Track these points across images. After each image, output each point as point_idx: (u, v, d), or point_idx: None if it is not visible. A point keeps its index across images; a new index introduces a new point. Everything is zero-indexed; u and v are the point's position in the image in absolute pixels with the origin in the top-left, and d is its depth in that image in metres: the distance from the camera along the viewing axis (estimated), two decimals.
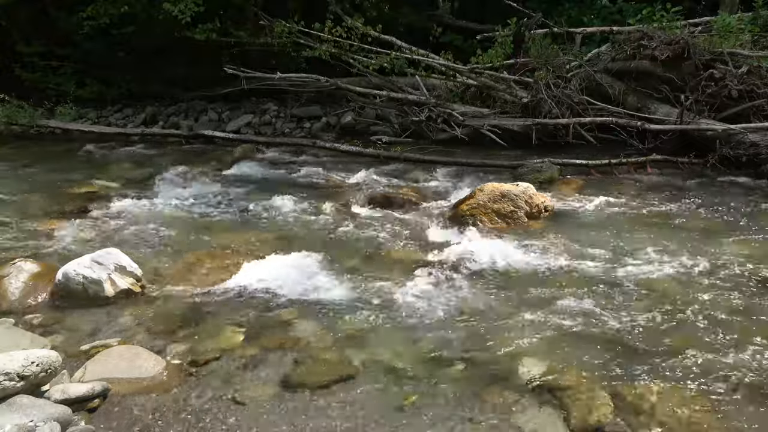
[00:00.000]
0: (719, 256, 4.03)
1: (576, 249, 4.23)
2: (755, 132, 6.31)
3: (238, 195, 5.96)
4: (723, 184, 6.00)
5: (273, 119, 10.06)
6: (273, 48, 9.29)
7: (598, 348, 2.95)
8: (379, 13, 9.77)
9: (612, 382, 2.64)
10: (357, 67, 8.92)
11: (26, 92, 10.57)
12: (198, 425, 2.43)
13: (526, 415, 2.46)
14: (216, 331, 3.17)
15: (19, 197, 5.87)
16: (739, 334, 3.03)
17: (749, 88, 6.78)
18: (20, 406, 2.29)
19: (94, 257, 3.59)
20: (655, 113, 7.15)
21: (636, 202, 5.33)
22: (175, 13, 8.93)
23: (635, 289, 3.58)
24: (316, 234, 4.75)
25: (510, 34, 8.86)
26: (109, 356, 2.87)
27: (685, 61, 7.13)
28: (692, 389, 2.58)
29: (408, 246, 4.44)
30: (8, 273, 3.63)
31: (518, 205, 4.82)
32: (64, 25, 10.53)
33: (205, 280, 3.78)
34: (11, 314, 3.32)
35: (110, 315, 3.36)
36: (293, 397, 2.62)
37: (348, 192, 5.86)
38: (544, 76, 7.65)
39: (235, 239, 4.56)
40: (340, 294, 3.58)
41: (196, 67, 10.46)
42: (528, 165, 6.35)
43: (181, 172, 6.81)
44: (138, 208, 5.41)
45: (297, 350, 3.00)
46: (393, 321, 3.27)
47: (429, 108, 8.18)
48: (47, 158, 8.01)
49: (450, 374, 2.77)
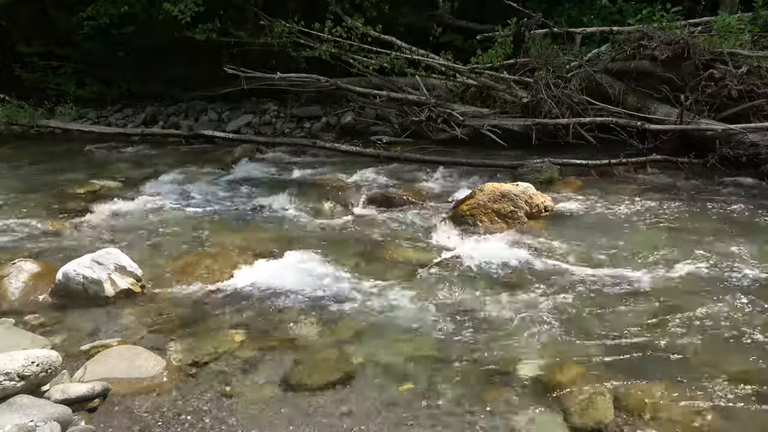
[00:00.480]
0: (719, 256, 4.02)
1: (576, 249, 4.23)
2: (755, 132, 6.31)
3: (238, 195, 5.96)
4: (723, 184, 6.00)
5: (273, 119, 10.07)
6: (273, 48, 9.30)
7: (598, 348, 2.95)
8: (379, 13, 9.77)
9: (613, 382, 2.64)
10: (357, 67, 8.92)
11: (26, 92, 10.59)
12: (198, 425, 2.43)
13: (526, 415, 2.46)
14: (216, 331, 3.18)
15: (20, 197, 5.87)
16: (739, 334, 3.03)
17: (749, 88, 6.77)
18: (20, 406, 2.29)
19: (94, 257, 3.59)
20: (655, 113, 7.14)
21: (636, 202, 5.33)
22: (175, 13, 8.94)
23: (635, 289, 3.58)
24: (316, 234, 4.75)
25: (510, 34, 8.86)
26: (109, 356, 2.87)
27: (685, 61, 7.13)
28: (693, 389, 2.58)
29: (408, 246, 4.44)
30: (8, 273, 3.63)
31: (518, 205, 4.82)
32: (64, 25, 10.54)
33: (205, 280, 3.78)
34: (11, 314, 3.32)
35: (110, 315, 3.36)
36: (293, 397, 2.62)
37: (348, 192, 5.86)
38: (544, 76, 7.65)
39: (235, 239, 4.56)
40: (339, 294, 3.58)
41: (196, 67, 10.47)
42: (528, 165, 6.35)
43: (181, 172, 6.82)
44: (138, 208, 5.41)
45: (297, 350, 3.00)
46: (393, 321, 3.27)
47: (429, 108, 8.19)
48: (47, 158, 8.01)
49: (450, 374, 2.77)
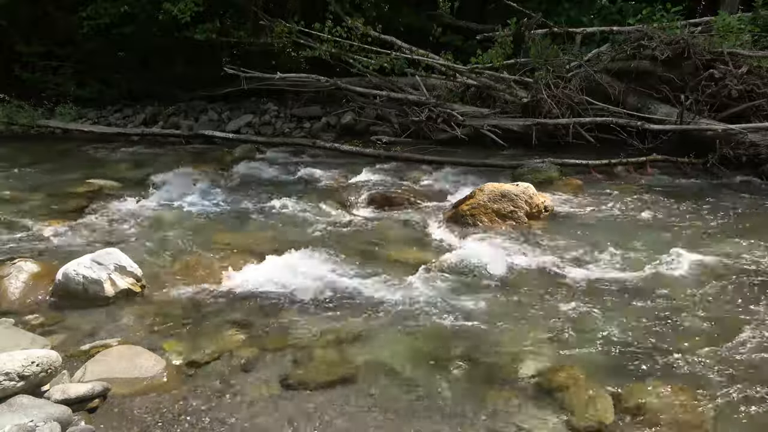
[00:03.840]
0: (719, 256, 4.02)
1: (576, 249, 4.23)
2: (755, 132, 6.31)
3: (237, 195, 5.95)
4: (723, 184, 6.01)
5: (273, 119, 10.07)
6: (273, 48, 9.29)
7: (598, 348, 2.95)
8: (379, 13, 9.76)
9: (613, 383, 2.64)
10: (357, 67, 8.91)
11: (26, 92, 10.58)
12: (198, 425, 2.43)
13: (527, 415, 2.46)
14: (216, 331, 3.18)
15: (19, 197, 5.87)
16: (739, 333, 3.03)
17: (749, 88, 6.77)
18: (20, 406, 2.28)
19: (94, 257, 3.59)
20: (655, 113, 7.14)
21: (636, 202, 5.33)
22: (174, 13, 8.93)
23: (635, 289, 3.58)
24: (316, 234, 4.75)
25: (510, 34, 8.85)
26: (109, 356, 2.87)
27: (685, 61, 7.13)
28: (693, 389, 2.58)
29: (408, 246, 4.44)
30: (8, 273, 3.63)
31: (518, 205, 4.82)
32: (64, 25, 10.54)
33: (205, 279, 3.78)
34: (11, 314, 3.32)
35: (110, 315, 3.36)
36: (293, 397, 2.62)
37: (348, 192, 5.86)
38: (544, 76, 7.65)
39: (235, 239, 4.56)
40: (339, 294, 3.58)
41: (196, 67, 10.48)
42: (528, 165, 6.35)
43: (181, 172, 6.81)
44: (138, 208, 5.41)
45: (297, 350, 3.00)
46: (393, 321, 3.27)
47: (429, 108, 8.18)
48: (47, 158, 8.01)
49: (450, 374, 2.77)
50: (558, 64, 7.88)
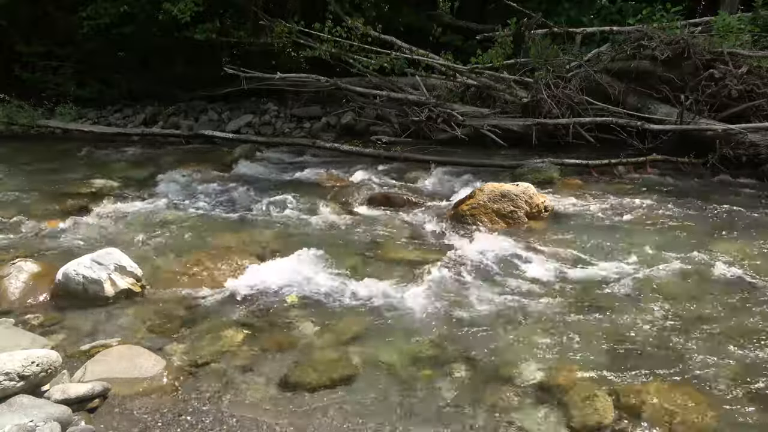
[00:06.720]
0: (719, 256, 4.02)
1: (576, 249, 4.22)
2: (755, 132, 6.30)
3: (237, 195, 5.95)
4: (723, 184, 6.00)
5: (273, 119, 10.07)
6: (273, 48, 9.29)
7: (598, 348, 2.95)
8: (379, 13, 9.76)
9: (613, 383, 2.64)
10: (357, 67, 8.91)
11: (26, 92, 10.58)
12: (198, 426, 2.43)
13: (526, 415, 2.46)
14: (216, 331, 3.18)
15: (19, 197, 5.87)
16: (739, 333, 3.03)
17: (749, 88, 6.76)
18: (20, 406, 2.29)
19: (94, 257, 3.59)
20: (655, 113, 7.14)
21: (636, 202, 5.32)
22: (174, 13, 8.93)
23: (635, 289, 3.57)
24: (316, 234, 4.75)
25: (510, 34, 8.85)
26: (109, 356, 2.87)
27: (685, 61, 7.12)
28: (693, 389, 2.58)
29: (408, 246, 4.44)
30: (8, 273, 3.63)
31: (518, 205, 4.82)
32: (64, 25, 10.54)
33: (205, 280, 3.78)
34: (11, 314, 3.33)
35: (110, 315, 3.36)
36: (293, 397, 2.62)
37: (348, 192, 5.85)
38: (544, 76, 7.64)
39: (235, 239, 4.56)
40: (339, 294, 3.58)
41: (196, 67, 10.47)
42: (528, 165, 6.35)
43: (181, 172, 6.81)
44: (138, 208, 5.41)
45: (297, 350, 3.00)
46: (393, 321, 3.27)
47: (429, 108, 8.16)
48: (47, 158, 8.01)
49: (450, 374, 2.77)
50: (558, 64, 7.87)
